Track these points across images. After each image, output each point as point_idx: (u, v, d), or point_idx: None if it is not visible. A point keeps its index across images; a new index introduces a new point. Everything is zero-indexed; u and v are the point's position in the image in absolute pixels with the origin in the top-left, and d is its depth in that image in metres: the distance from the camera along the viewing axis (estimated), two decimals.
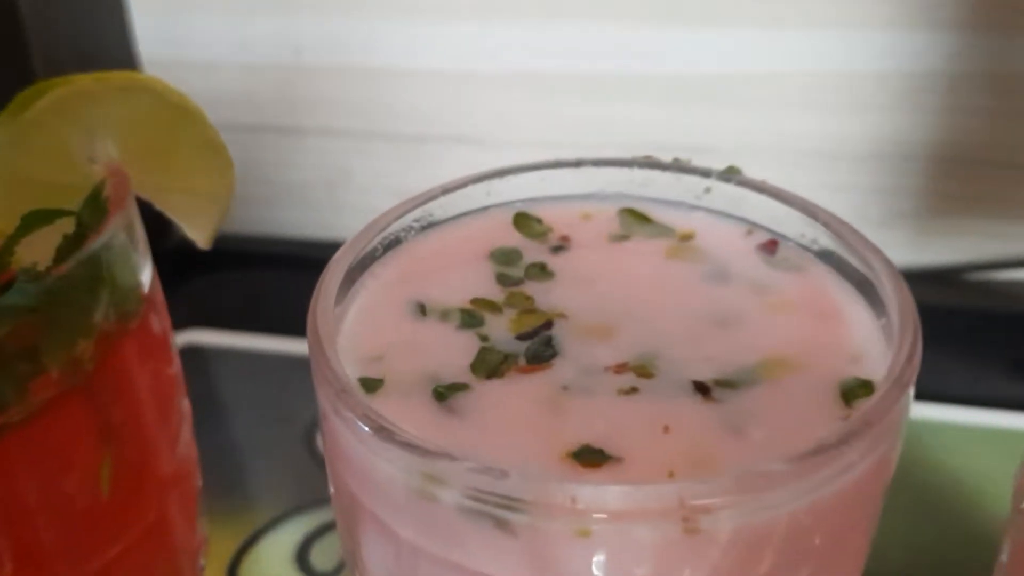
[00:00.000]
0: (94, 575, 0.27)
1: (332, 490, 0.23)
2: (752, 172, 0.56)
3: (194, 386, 0.32)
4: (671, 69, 0.53)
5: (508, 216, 0.27)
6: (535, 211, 0.28)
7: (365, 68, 0.56)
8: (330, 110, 0.57)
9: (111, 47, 0.56)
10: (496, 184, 0.27)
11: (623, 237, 0.27)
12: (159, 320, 0.29)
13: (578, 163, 0.28)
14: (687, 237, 0.27)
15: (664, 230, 0.27)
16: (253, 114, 0.58)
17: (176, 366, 0.31)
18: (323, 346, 0.21)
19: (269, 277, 0.57)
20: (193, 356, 0.51)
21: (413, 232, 0.26)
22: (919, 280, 0.57)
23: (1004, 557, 0.28)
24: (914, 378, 0.21)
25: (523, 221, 0.27)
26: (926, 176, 0.54)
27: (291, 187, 0.60)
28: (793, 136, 0.54)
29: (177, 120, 0.28)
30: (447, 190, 0.27)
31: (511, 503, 0.18)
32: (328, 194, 0.60)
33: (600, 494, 0.18)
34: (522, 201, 0.28)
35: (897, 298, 0.22)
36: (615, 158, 0.28)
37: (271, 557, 0.41)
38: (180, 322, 0.53)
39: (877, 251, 0.24)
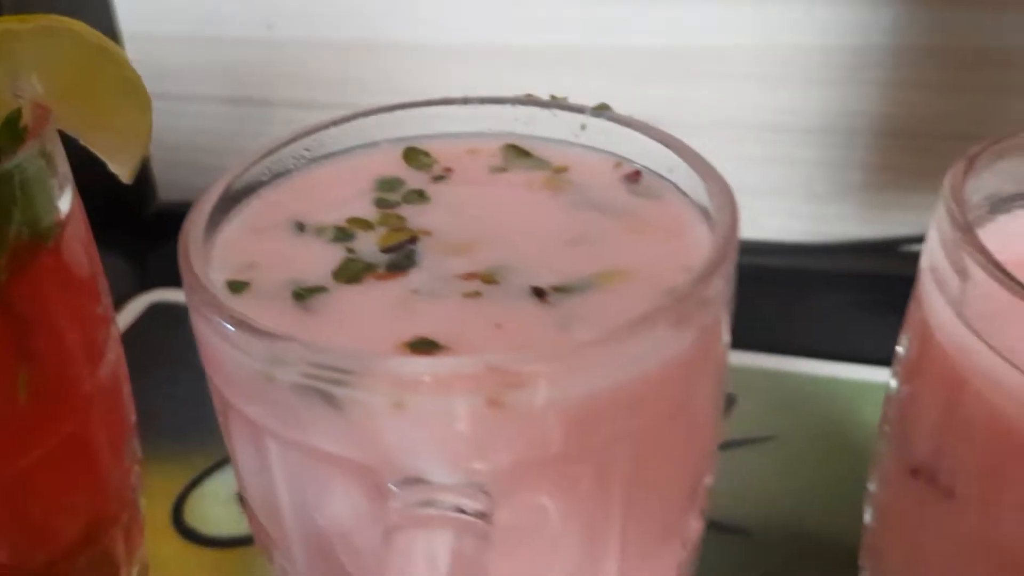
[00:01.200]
0: (13, 479, 0.29)
1: (212, 394, 0.25)
2: (702, 144, 0.58)
3: (159, 338, 0.34)
4: (626, 43, 0.55)
5: (398, 150, 0.29)
6: (425, 146, 0.30)
7: (334, 41, 0.58)
8: (301, 83, 0.59)
9: (92, 22, 0.58)
10: (386, 118, 0.29)
11: (502, 169, 0.29)
12: (83, 252, 0.31)
13: (465, 101, 0.30)
14: (561, 170, 0.29)
15: (541, 164, 0.29)
16: (228, 87, 0.61)
17: (105, 304, 0.33)
18: (189, 250, 0.23)
19: None
20: (165, 312, 0.53)
21: (304, 161, 0.29)
22: (866, 252, 0.59)
23: (872, 487, 0.30)
24: (727, 266, 0.22)
25: (412, 154, 0.29)
26: (872, 149, 0.56)
27: None
28: (742, 109, 0.56)
29: (98, 61, 0.30)
30: (337, 122, 0.29)
31: (336, 377, 0.20)
32: None
33: (412, 366, 0.20)
34: (413, 137, 0.30)
35: (722, 206, 0.24)
36: (499, 96, 0.30)
37: (215, 495, 0.43)
38: (157, 281, 0.55)
39: (718, 177, 0.25)
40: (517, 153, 0.29)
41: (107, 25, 0.59)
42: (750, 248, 0.63)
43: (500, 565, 0.22)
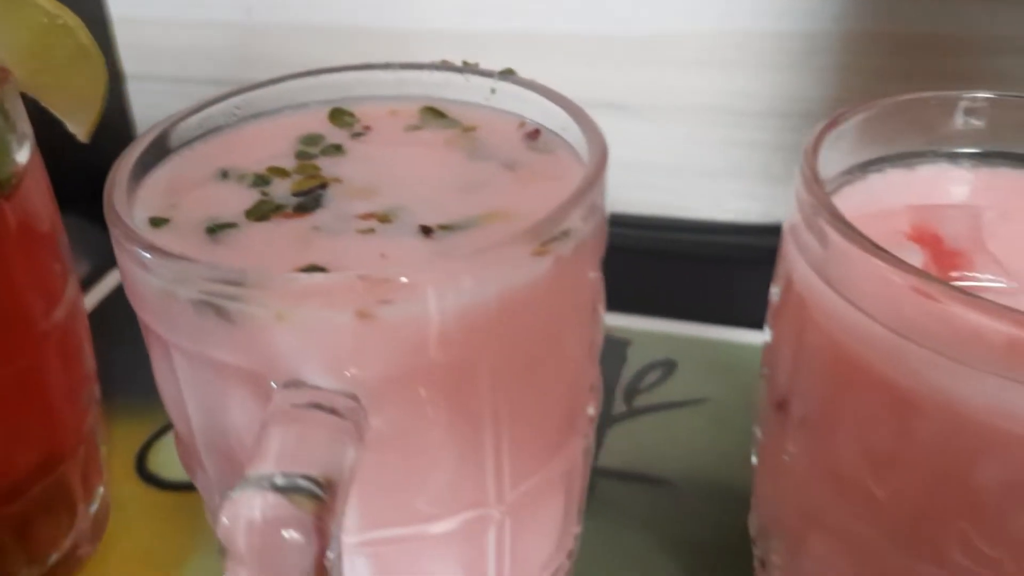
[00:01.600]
0: None
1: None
2: (661, 127, 0.60)
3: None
4: (586, 30, 0.57)
5: (325, 111, 0.32)
6: (351, 108, 0.32)
7: (311, 26, 0.61)
8: (278, 65, 0.62)
9: (84, 4, 0.62)
10: (315, 81, 0.32)
11: (417, 128, 0.31)
12: (40, 204, 0.34)
13: (387, 66, 0.32)
14: (470, 128, 0.31)
15: (453, 123, 0.31)
16: (211, 69, 0.63)
17: (64, 257, 0.36)
18: (113, 190, 0.26)
19: None
20: None
21: (235, 119, 0.31)
22: None
23: (755, 429, 0.32)
24: (584, 205, 0.25)
25: (337, 114, 0.32)
26: None
27: None
28: (699, 93, 0.58)
29: (55, 28, 0.33)
30: (268, 83, 0.31)
31: (228, 292, 0.23)
32: None
33: (291, 281, 0.23)
34: (341, 99, 0.32)
35: (593, 156, 0.26)
36: (418, 63, 0.32)
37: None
38: None
39: (597, 133, 0.28)
40: (433, 114, 0.32)
41: (97, 7, 0.62)
42: (713, 228, 0.65)
43: (376, 467, 0.24)
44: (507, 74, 0.31)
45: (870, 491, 0.24)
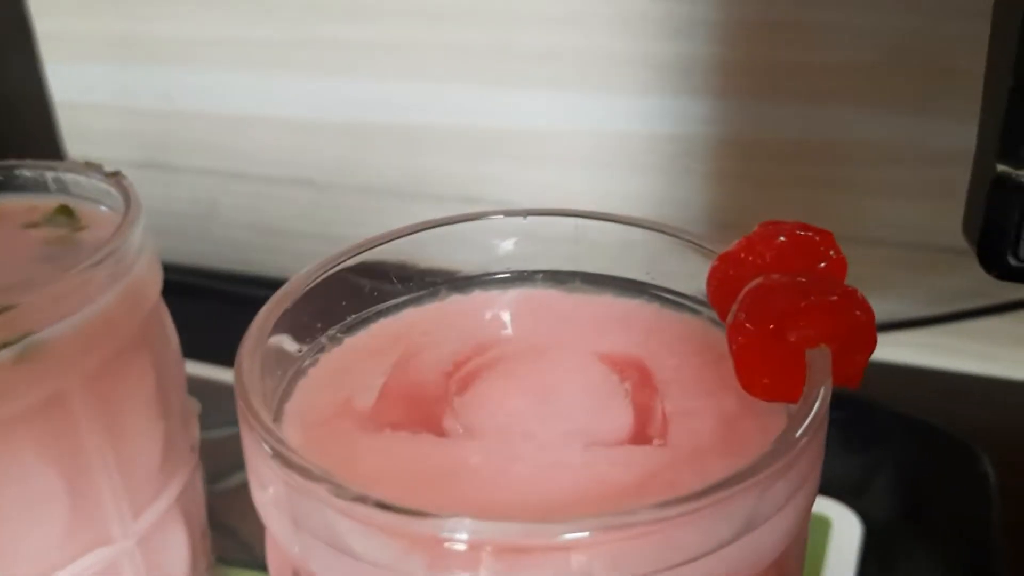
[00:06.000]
0: None
1: None
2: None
3: None
4: (467, 123, 0.59)
5: None
6: None
7: (223, 114, 0.64)
8: (196, 150, 0.66)
9: (26, 91, 0.67)
10: None
11: None
12: None
13: None
14: None
15: None
16: (136, 151, 0.67)
17: None
18: None
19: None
20: None
21: None
22: None
23: None
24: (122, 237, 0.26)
25: None
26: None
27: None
28: (580, 193, 0.59)
29: None
30: None
31: None
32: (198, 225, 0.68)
33: None
34: None
35: None
36: None
37: None
38: None
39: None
40: None
41: (39, 92, 0.67)
42: None
43: None
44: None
45: None
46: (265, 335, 0.23)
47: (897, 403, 0.49)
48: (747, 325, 0.22)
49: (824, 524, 0.43)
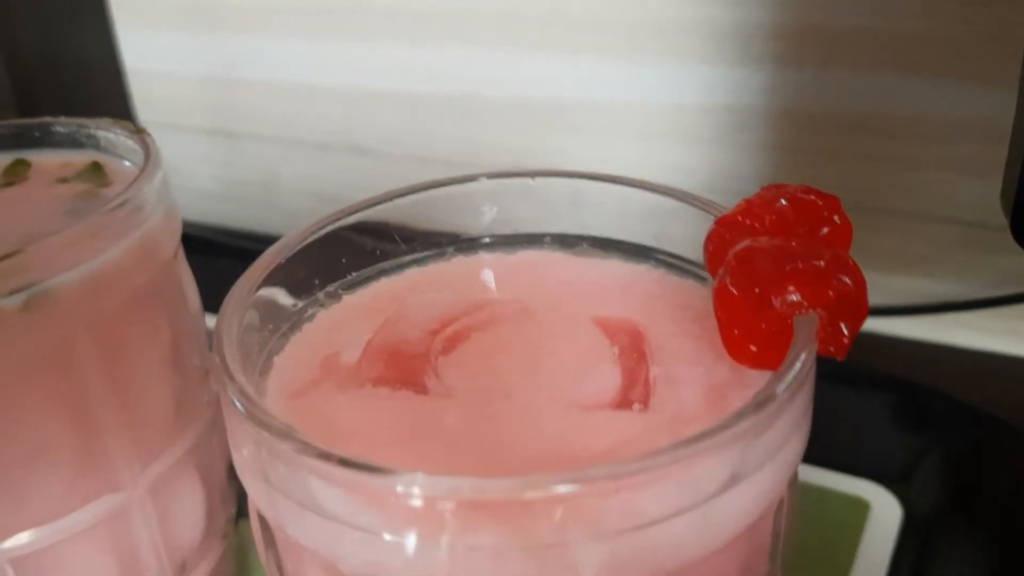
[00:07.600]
0: None
1: None
2: (592, 195, 0.60)
3: None
4: (521, 93, 0.58)
5: None
6: None
7: (284, 82, 0.65)
8: (258, 118, 0.67)
9: (99, 58, 0.69)
10: None
11: None
12: None
13: None
14: None
15: None
16: (203, 118, 0.69)
17: None
18: None
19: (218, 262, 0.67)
20: None
21: None
22: None
23: None
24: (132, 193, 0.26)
25: None
26: None
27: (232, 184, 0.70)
28: (634, 164, 0.58)
29: None
30: None
31: None
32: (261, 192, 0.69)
33: None
34: None
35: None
36: None
37: None
38: None
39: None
40: None
41: (112, 60, 0.69)
42: None
43: None
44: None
45: None
46: (251, 291, 0.24)
47: (955, 387, 0.47)
48: (731, 290, 0.21)
49: (863, 507, 0.41)
